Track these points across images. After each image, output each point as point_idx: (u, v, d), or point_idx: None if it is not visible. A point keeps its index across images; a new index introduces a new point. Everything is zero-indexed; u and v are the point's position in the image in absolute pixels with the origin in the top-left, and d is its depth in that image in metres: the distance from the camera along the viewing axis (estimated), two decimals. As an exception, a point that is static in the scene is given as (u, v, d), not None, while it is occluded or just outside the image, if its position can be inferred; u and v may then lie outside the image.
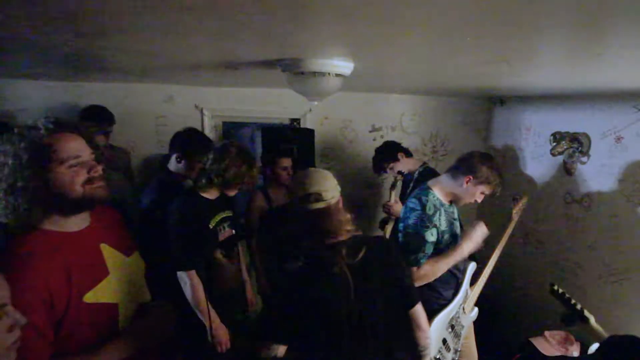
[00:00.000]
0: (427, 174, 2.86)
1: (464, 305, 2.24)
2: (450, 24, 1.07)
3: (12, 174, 1.08)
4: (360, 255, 1.42)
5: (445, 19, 1.03)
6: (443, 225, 2.07)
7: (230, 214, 2.22)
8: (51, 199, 1.13)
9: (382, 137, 3.73)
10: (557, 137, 3.08)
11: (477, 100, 3.90)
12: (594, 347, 1.83)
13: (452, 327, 2.15)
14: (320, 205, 1.42)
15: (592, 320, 1.88)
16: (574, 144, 2.96)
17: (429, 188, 2.14)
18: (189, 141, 2.34)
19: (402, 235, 2.11)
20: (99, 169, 1.20)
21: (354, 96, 3.60)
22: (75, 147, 1.16)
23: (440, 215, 2.07)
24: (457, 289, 2.22)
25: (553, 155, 3.09)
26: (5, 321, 0.91)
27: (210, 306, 1.97)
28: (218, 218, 2.12)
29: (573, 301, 1.95)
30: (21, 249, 1.10)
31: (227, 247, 2.19)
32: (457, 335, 2.16)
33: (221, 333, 2.02)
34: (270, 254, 2.68)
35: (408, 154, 3.07)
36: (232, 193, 2.12)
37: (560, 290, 2.02)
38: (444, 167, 3.90)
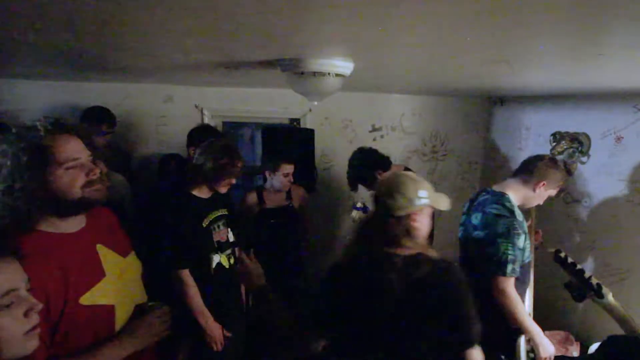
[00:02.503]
0: None
1: None
2: (450, 24, 1.07)
3: (10, 175, 1.07)
4: (418, 274, 1.34)
5: (445, 19, 1.03)
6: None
7: (225, 212, 2.19)
8: (49, 200, 1.12)
9: (382, 137, 3.74)
10: (557, 137, 3.08)
11: (477, 100, 3.90)
12: (594, 347, 1.82)
13: None
14: (388, 213, 1.39)
15: (610, 296, 1.73)
16: (574, 144, 2.96)
17: (503, 193, 2.03)
18: (200, 135, 2.46)
19: (491, 245, 1.93)
20: (97, 171, 1.19)
21: (354, 96, 3.59)
22: (74, 149, 1.15)
23: (523, 220, 2.00)
24: None
25: (553, 155, 3.08)
26: (20, 306, 0.89)
27: (204, 305, 1.97)
28: (212, 217, 2.09)
29: (587, 274, 1.75)
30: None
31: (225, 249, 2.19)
32: None
33: (215, 332, 2.01)
34: None
35: (386, 168, 2.68)
36: (222, 190, 2.08)
37: (570, 260, 1.81)
38: (444, 167, 3.96)
